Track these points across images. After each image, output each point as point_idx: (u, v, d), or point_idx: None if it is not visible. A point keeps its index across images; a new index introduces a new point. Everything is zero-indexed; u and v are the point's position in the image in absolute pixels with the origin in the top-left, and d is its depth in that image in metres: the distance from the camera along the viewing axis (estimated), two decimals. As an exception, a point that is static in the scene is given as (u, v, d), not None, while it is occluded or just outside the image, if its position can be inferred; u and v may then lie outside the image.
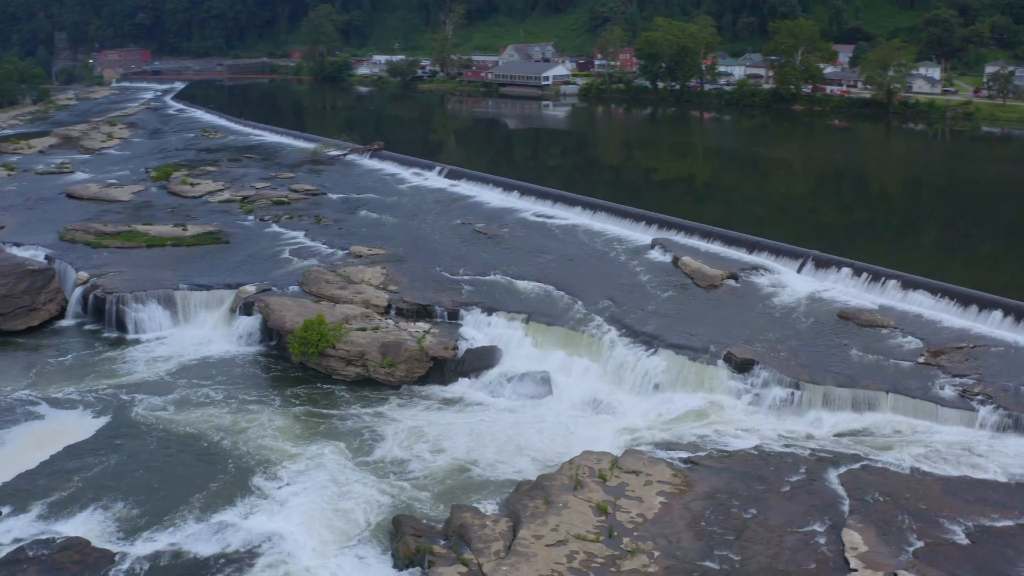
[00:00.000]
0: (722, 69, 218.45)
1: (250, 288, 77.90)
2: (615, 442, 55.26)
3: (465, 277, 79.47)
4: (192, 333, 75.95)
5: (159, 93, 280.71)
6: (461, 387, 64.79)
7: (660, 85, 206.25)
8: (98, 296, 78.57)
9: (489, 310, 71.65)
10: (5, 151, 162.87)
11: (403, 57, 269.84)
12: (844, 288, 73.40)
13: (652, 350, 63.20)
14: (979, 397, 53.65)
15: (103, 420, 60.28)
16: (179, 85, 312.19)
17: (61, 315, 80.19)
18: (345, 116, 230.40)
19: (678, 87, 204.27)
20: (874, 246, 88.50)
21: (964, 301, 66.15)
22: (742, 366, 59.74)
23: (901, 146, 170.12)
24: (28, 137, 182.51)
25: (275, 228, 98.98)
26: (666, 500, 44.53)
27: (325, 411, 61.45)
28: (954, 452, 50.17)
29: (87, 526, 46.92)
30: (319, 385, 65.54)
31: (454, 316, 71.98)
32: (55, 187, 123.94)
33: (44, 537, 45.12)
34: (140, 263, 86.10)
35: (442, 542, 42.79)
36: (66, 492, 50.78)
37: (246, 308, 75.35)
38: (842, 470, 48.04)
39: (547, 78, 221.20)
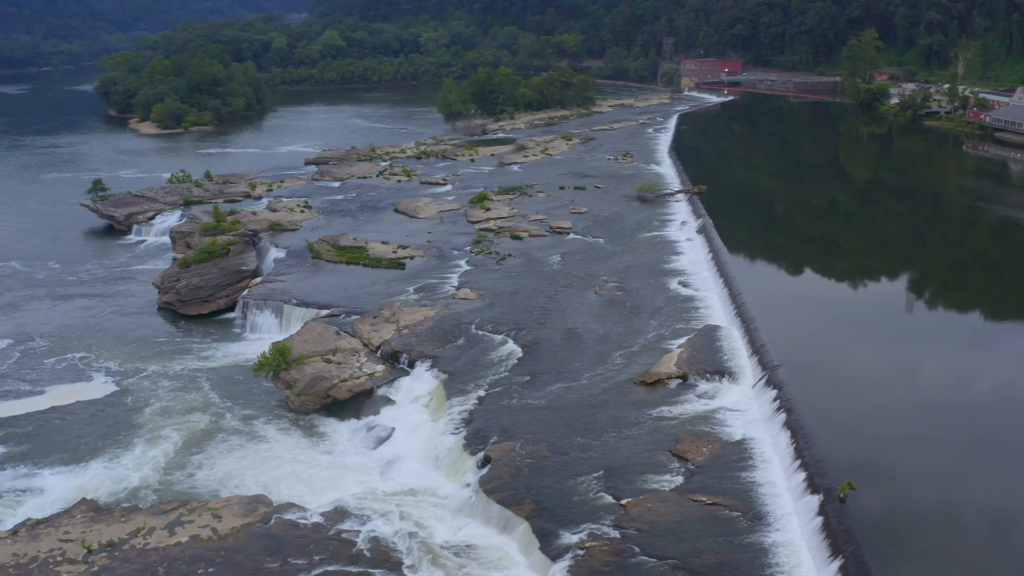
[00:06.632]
0: None
1: (324, 312, 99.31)
2: (344, 497, 66.38)
3: (481, 332, 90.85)
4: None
5: (689, 108, 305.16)
6: (341, 426, 78.93)
7: None
8: (242, 299, 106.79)
9: (433, 365, 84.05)
10: (449, 156, 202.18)
11: (916, 86, 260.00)
12: (754, 412, 70.90)
13: (461, 430, 71.40)
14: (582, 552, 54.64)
15: (118, 388, 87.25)
16: (729, 98, 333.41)
17: (232, 309, 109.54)
18: (858, 151, 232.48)
19: None
20: None
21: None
22: (484, 463, 66.01)
23: None
24: (496, 144, 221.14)
25: (460, 261, 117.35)
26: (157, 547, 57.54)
27: (235, 414, 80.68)
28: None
29: (-16, 455, 73.46)
30: (270, 399, 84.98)
31: (412, 365, 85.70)
32: (402, 197, 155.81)
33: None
34: (317, 276, 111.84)
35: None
36: (18, 429, 77.92)
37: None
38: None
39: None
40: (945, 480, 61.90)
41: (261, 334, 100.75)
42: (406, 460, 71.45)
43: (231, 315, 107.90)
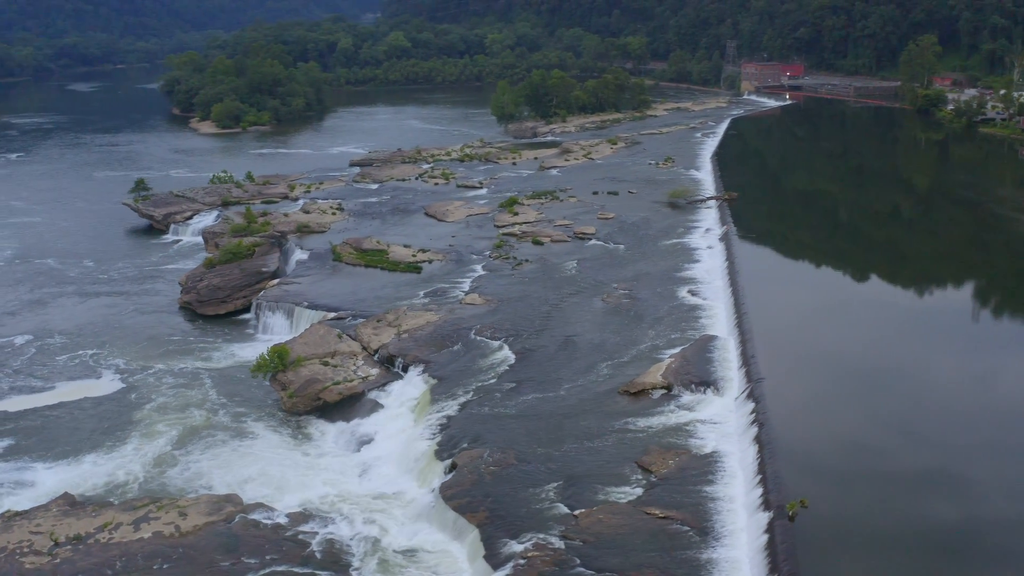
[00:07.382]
0: None
1: (331, 315, 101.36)
2: (313, 499, 68.28)
3: (479, 338, 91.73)
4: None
5: (744, 112, 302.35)
6: (330, 427, 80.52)
7: None
8: (256, 300, 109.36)
9: (426, 370, 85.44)
10: (492, 159, 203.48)
11: (977, 91, 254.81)
12: (731, 425, 70.78)
13: (434, 437, 72.63)
14: (523, 562, 55.48)
15: (125, 385, 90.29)
16: (790, 103, 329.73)
17: (249, 309, 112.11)
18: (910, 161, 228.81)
19: None
20: None
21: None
22: (450, 469, 67.20)
23: None
24: (541, 147, 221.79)
25: (477, 266, 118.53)
26: (121, 540, 59.60)
27: (229, 414, 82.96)
28: None
29: (-18, 445, 76.79)
30: (267, 400, 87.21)
31: (406, 369, 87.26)
32: (436, 200, 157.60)
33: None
34: (334, 278, 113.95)
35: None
36: (23, 423, 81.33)
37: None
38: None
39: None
40: (908, 500, 61.03)
41: (272, 335, 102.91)
42: (383, 464, 72.80)
43: (247, 316, 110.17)
